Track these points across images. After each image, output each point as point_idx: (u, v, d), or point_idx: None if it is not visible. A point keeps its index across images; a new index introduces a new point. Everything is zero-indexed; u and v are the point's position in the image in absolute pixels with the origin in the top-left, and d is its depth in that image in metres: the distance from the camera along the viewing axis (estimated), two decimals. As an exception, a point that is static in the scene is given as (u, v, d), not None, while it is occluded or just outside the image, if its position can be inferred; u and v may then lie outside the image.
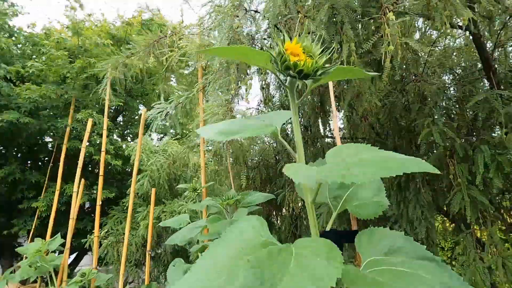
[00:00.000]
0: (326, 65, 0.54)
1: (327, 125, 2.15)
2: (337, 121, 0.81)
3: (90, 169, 4.55)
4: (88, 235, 3.36)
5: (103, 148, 2.70)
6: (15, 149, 3.75)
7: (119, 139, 4.66)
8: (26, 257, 2.89)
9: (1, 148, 3.80)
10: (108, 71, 2.88)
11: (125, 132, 5.21)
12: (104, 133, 2.73)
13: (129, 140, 4.92)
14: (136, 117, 5.12)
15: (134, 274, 3.69)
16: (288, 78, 0.57)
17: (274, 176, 2.73)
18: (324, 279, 0.38)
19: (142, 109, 4.95)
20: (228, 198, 1.28)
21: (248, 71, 1.24)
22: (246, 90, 1.23)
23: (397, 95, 1.71)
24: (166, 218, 2.99)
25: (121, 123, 5.09)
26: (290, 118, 0.66)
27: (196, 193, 1.63)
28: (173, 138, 2.99)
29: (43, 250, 2.63)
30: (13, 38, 3.62)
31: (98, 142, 3.74)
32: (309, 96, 1.65)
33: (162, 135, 5.65)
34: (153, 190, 2.15)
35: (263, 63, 0.58)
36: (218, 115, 1.28)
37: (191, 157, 2.84)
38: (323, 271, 0.39)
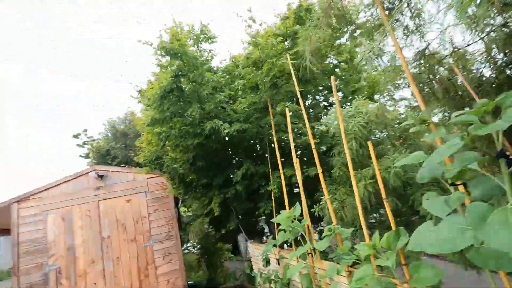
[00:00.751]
0: None
1: None
2: None
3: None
4: (314, 205, 3.91)
5: (307, 126, 3.08)
6: (245, 150, 5.03)
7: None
8: (278, 226, 3.69)
9: (232, 151, 5.21)
10: (289, 62, 3.28)
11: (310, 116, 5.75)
12: (304, 113, 3.12)
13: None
14: (309, 102, 5.53)
15: (361, 236, 3.92)
16: None
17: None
18: None
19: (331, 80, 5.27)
20: (484, 104, 1.12)
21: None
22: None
23: None
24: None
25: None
26: None
27: (425, 125, 1.54)
28: (364, 98, 2.98)
29: (291, 216, 3.29)
30: (217, 74, 4.91)
31: (295, 130, 4.33)
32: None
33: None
34: (369, 143, 2.22)
35: None
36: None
37: (388, 110, 2.72)
38: None
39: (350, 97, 5.25)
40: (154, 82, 4.30)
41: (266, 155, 4.87)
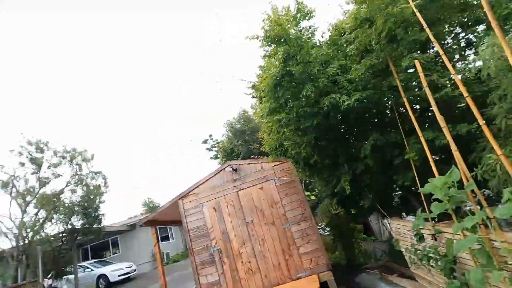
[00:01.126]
0: None
1: None
2: None
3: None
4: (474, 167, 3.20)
5: (452, 71, 2.53)
6: (368, 121, 4.64)
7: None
8: (428, 197, 3.16)
9: (354, 125, 4.85)
10: (411, 3, 2.77)
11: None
12: (445, 57, 2.57)
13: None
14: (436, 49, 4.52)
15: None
16: None
17: None
18: None
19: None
20: None
21: None
22: None
23: None
24: None
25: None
26: None
27: None
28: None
29: (448, 183, 2.79)
30: (322, 48, 4.69)
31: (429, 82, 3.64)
32: None
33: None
34: None
35: None
36: None
37: None
38: None
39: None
40: (265, 74, 4.49)
41: (394, 121, 4.32)
